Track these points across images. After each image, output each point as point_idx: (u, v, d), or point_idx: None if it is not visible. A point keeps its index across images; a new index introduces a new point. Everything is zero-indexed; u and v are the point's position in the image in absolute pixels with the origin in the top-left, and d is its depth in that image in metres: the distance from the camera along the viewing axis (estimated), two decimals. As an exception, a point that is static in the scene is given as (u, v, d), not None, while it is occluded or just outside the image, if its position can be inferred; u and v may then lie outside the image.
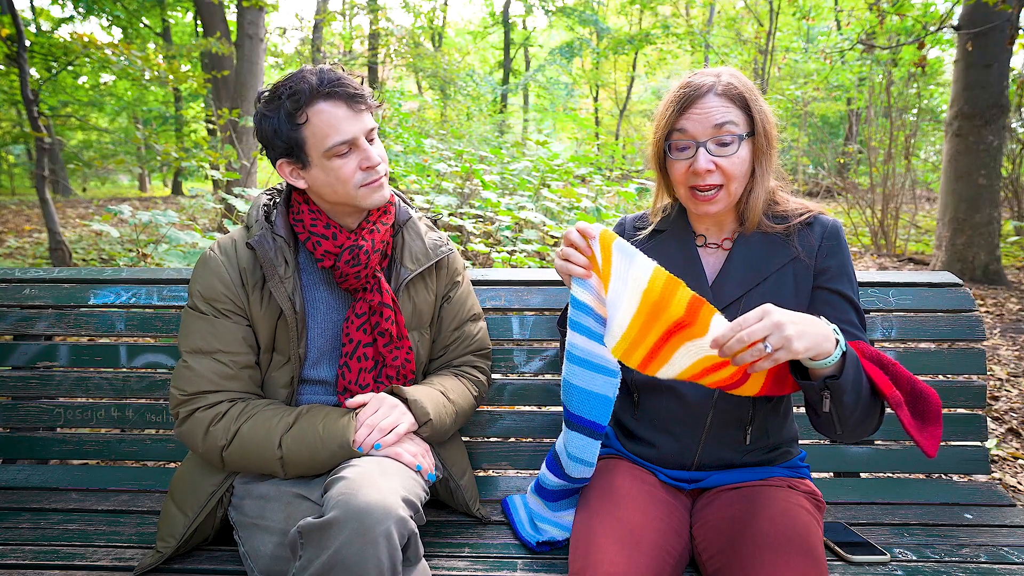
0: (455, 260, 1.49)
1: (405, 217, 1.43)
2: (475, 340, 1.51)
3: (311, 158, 1.22)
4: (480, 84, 18.97)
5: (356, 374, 1.32)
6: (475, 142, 9.70)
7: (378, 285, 1.32)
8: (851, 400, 1.03)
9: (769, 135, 1.20)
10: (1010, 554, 1.30)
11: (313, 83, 1.18)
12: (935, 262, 5.58)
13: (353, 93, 1.20)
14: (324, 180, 1.24)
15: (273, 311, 1.29)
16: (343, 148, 1.21)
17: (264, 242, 1.26)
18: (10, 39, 4.52)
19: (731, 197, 1.20)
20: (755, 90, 1.21)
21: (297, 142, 1.21)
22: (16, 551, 1.33)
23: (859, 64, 8.81)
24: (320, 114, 1.19)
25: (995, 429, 2.75)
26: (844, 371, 1.00)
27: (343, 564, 0.98)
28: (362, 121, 1.23)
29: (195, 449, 1.26)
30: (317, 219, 1.30)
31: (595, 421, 1.17)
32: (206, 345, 1.26)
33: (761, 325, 0.94)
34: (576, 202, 5.23)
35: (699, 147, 1.16)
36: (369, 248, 1.29)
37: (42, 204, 4.76)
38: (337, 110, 1.20)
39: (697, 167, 1.16)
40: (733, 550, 1.09)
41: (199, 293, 1.28)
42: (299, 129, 1.20)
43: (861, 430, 1.10)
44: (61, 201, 12.17)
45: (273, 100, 1.21)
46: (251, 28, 7.10)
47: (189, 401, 1.25)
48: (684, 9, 19.97)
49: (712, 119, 1.15)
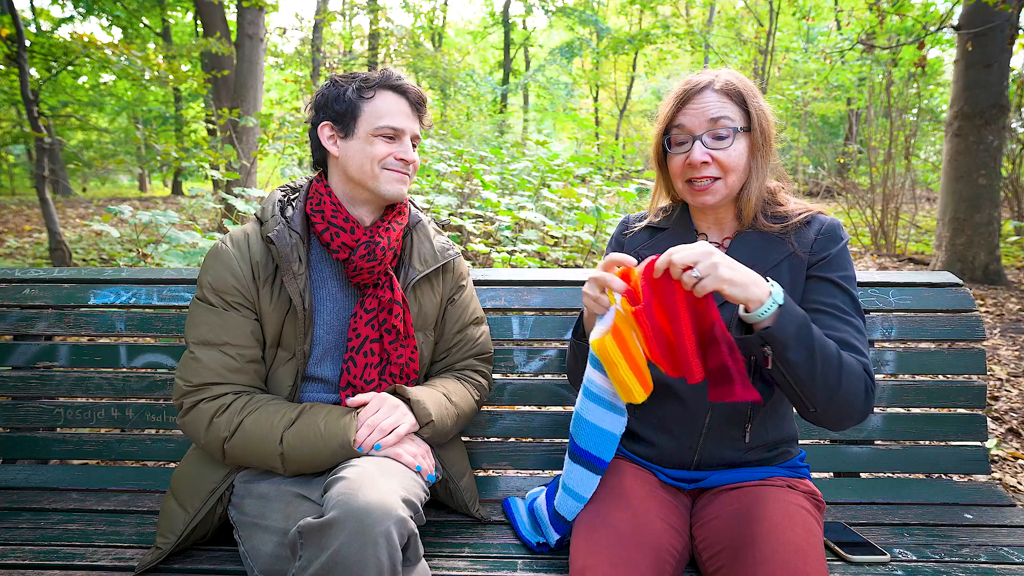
0: (461, 264, 1.52)
1: (416, 220, 1.47)
2: (477, 344, 1.51)
3: (357, 130, 1.30)
4: (480, 84, 18.98)
5: (361, 369, 1.33)
6: (475, 142, 9.70)
7: (390, 282, 1.34)
8: (799, 359, 1.04)
9: (766, 132, 1.22)
10: (1010, 554, 1.30)
11: (390, 76, 1.33)
12: (935, 262, 5.58)
13: (419, 98, 1.35)
14: (358, 153, 1.31)
15: (282, 306, 1.30)
16: (390, 132, 1.30)
17: (283, 236, 1.28)
18: (10, 39, 4.53)
19: (728, 190, 1.22)
20: (754, 89, 1.23)
21: (353, 111, 1.30)
22: (16, 551, 1.33)
23: (859, 64, 8.82)
24: (386, 98, 1.31)
25: (995, 429, 2.75)
26: (779, 322, 1.03)
27: (343, 564, 0.98)
28: (415, 123, 1.35)
29: (197, 440, 1.26)
30: (338, 211, 1.32)
31: (599, 456, 1.21)
32: (214, 337, 1.27)
33: (693, 251, 1.02)
34: (576, 202, 5.23)
35: (695, 140, 1.20)
36: (385, 245, 1.33)
37: (42, 204, 4.76)
38: (400, 104, 1.32)
39: (693, 159, 1.20)
40: (733, 550, 1.09)
41: (209, 285, 1.29)
42: (363, 101, 1.30)
43: (837, 405, 1.08)
44: (61, 201, 12.18)
45: (348, 77, 1.33)
46: (251, 28, 7.10)
47: (194, 392, 1.25)
48: (684, 9, 19.97)
49: (708, 113, 1.19)
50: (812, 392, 1.07)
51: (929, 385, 1.61)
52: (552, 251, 4.74)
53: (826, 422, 1.13)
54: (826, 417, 1.11)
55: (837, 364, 1.07)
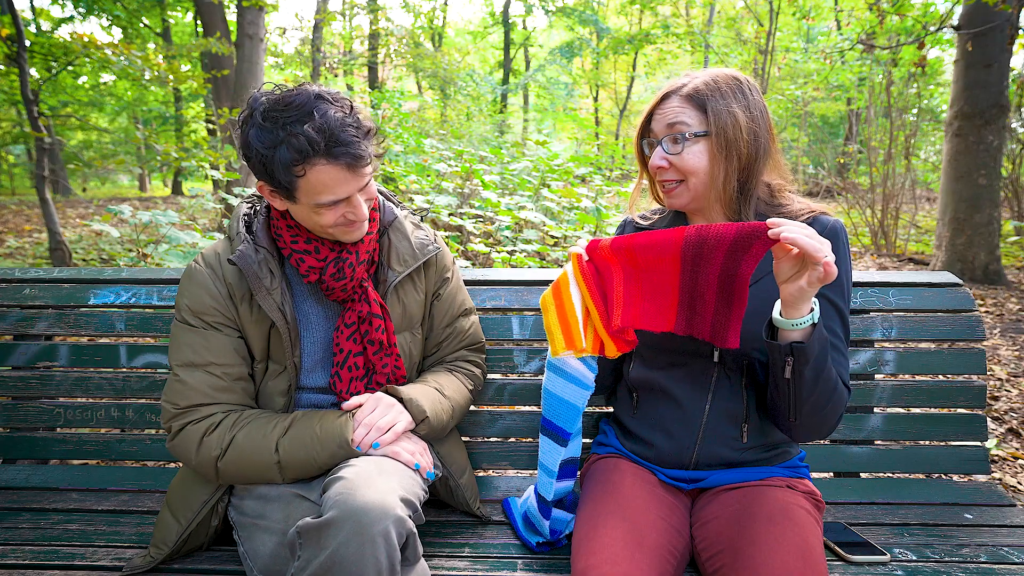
0: (443, 256, 1.47)
1: (391, 218, 1.40)
2: (468, 335, 1.50)
3: (298, 199, 1.17)
4: (480, 84, 18.98)
5: (347, 383, 1.32)
6: (475, 142, 9.70)
7: (365, 295, 1.30)
8: (811, 376, 1.08)
9: (728, 136, 1.19)
10: (1010, 554, 1.30)
11: (318, 143, 1.09)
12: (935, 262, 5.58)
13: (358, 158, 1.13)
14: (305, 217, 1.22)
15: (264, 321, 1.28)
16: (332, 204, 1.17)
17: (246, 257, 1.22)
18: (10, 39, 4.52)
19: (692, 192, 1.24)
20: (730, 91, 1.20)
21: (288, 185, 1.14)
22: (16, 551, 1.33)
23: (859, 64, 8.81)
24: (319, 174, 1.12)
25: (995, 429, 2.75)
26: (811, 339, 1.05)
27: (341, 564, 0.98)
28: (360, 180, 1.17)
29: (188, 463, 1.24)
30: (298, 236, 1.27)
31: (563, 427, 1.25)
32: (198, 358, 1.24)
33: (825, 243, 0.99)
34: (576, 202, 5.23)
35: (658, 144, 1.24)
36: (354, 261, 1.28)
37: (42, 204, 4.76)
38: (338, 173, 1.13)
39: (652, 164, 1.25)
40: (733, 550, 1.09)
41: (187, 307, 1.26)
42: (294, 180, 1.13)
43: (815, 422, 1.15)
44: (61, 201, 12.18)
45: (269, 131, 1.11)
46: (251, 28, 7.10)
47: (182, 415, 1.23)
48: (684, 9, 19.97)
49: (667, 119, 1.22)
50: (801, 407, 1.12)
51: (929, 385, 1.61)
52: (552, 251, 4.74)
53: (795, 434, 1.20)
54: (798, 431, 1.18)
55: (831, 390, 1.12)
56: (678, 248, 1.12)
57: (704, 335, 1.14)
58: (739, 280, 1.07)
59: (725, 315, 1.11)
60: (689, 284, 1.13)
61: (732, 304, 1.09)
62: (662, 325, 1.18)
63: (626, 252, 1.18)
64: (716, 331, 1.12)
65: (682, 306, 1.16)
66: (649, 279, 1.18)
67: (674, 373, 1.28)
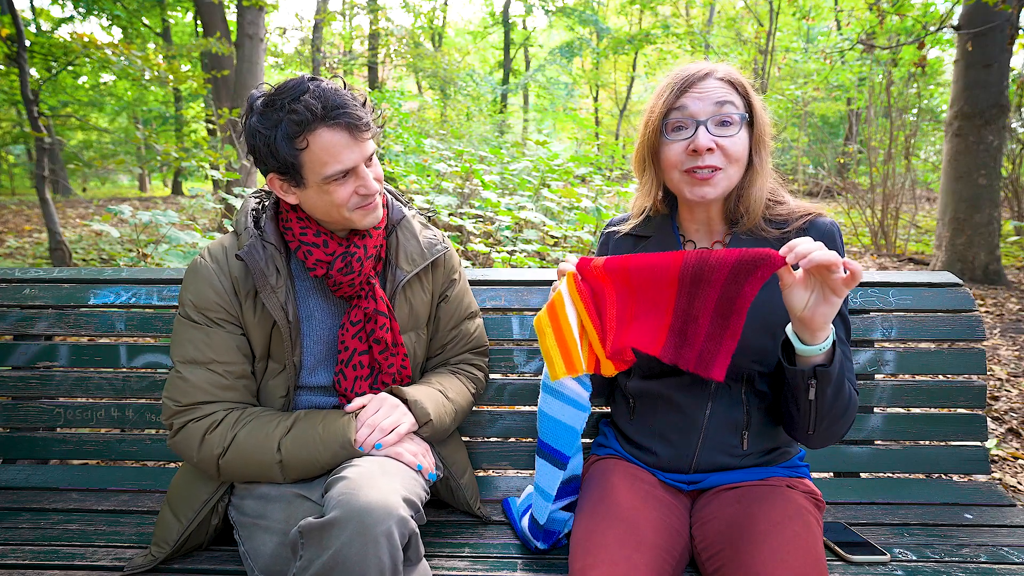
0: (451, 257, 1.47)
1: (399, 216, 1.39)
2: (472, 338, 1.50)
3: (307, 180, 1.18)
4: (480, 84, 18.98)
5: (352, 382, 1.31)
6: (475, 142, 9.71)
7: (372, 292, 1.30)
8: (831, 393, 1.08)
9: (766, 128, 1.19)
10: (1010, 554, 1.30)
11: (316, 108, 1.11)
12: (935, 262, 5.58)
13: (357, 120, 1.15)
14: (318, 201, 1.21)
15: (267, 320, 1.27)
16: (341, 175, 1.17)
17: (254, 252, 1.22)
18: (10, 39, 4.52)
19: (728, 182, 1.16)
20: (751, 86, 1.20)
21: (293, 165, 1.16)
22: (16, 551, 1.33)
23: (859, 64, 8.81)
24: (321, 141, 1.13)
25: (995, 429, 2.75)
26: (834, 360, 1.05)
27: (344, 564, 0.98)
28: (363, 148, 1.18)
29: (189, 460, 1.24)
30: (307, 228, 1.26)
31: (560, 451, 1.23)
32: (200, 355, 1.24)
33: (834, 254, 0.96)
34: (576, 202, 5.23)
35: (699, 125, 1.12)
36: (362, 255, 1.27)
37: (42, 204, 4.76)
38: (339, 138, 1.14)
39: (698, 144, 1.11)
40: (732, 550, 1.09)
41: (191, 302, 1.26)
42: (298, 154, 1.14)
43: (832, 432, 1.15)
44: (61, 201, 12.18)
45: (269, 115, 1.14)
46: (251, 28, 7.09)
47: (183, 412, 1.23)
48: (684, 9, 19.97)
49: (714, 97, 1.12)
50: (821, 422, 1.12)
51: (929, 385, 1.61)
52: (552, 251, 4.74)
53: (812, 443, 1.19)
54: (815, 440, 1.17)
55: (847, 400, 1.12)
56: (676, 271, 1.08)
57: (689, 365, 1.10)
58: (739, 302, 1.04)
59: (715, 344, 1.08)
60: (684, 308, 1.10)
61: (725, 335, 1.06)
62: (650, 347, 1.14)
63: (620, 273, 1.15)
64: (703, 360, 1.09)
65: (672, 331, 1.12)
66: (643, 299, 1.15)
67: (672, 380, 1.25)
